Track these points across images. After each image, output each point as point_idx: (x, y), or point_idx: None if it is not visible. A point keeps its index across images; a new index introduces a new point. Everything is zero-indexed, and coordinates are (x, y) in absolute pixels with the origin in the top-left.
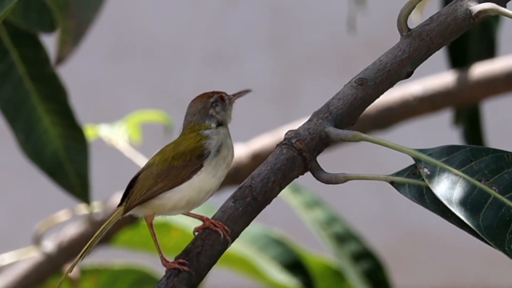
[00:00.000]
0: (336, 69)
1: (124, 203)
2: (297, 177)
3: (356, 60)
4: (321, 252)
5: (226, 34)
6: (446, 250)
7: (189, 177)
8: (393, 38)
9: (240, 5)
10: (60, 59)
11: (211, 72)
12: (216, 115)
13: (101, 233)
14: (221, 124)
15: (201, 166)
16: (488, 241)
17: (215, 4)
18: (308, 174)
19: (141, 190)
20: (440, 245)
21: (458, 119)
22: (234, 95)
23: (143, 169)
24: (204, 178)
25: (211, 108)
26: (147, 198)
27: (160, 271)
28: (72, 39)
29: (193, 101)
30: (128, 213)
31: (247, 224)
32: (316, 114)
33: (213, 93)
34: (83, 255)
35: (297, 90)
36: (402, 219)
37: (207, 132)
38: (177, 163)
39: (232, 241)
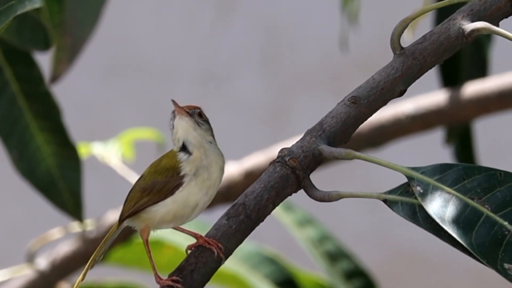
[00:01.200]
0: (328, 88)
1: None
2: (291, 194)
3: (348, 79)
4: (313, 270)
5: (218, 53)
6: (437, 268)
7: (171, 192)
8: (385, 57)
9: (232, 24)
10: (55, 77)
11: (204, 90)
12: (175, 139)
13: (102, 246)
14: (183, 149)
15: (183, 182)
16: (480, 259)
17: (207, 24)
18: (300, 191)
19: (130, 203)
20: (431, 264)
21: (450, 137)
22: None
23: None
24: (187, 194)
25: (171, 130)
26: (136, 211)
27: None
28: (67, 57)
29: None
30: (122, 225)
31: (240, 241)
32: (309, 132)
33: (194, 108)
34: (87, 269)
35: (289, 109)
36: (393, 237)
37: (180, 156)
38: (160, 178)
39: (226, 259)
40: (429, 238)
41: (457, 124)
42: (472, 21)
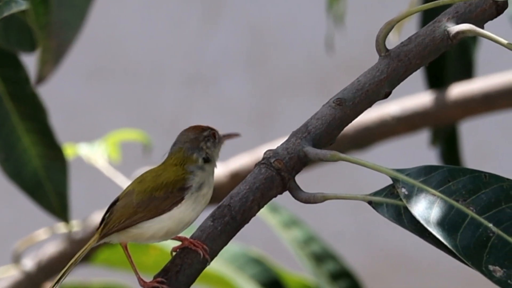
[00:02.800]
0: (314, 90)
1: (101, 229)
2: (276, 196)
3: (333, 81)
4: (299, 272)
5: (205, 56)
6: (422, 269)
7: (169, 208)
8: (370, 59)
9: (219, 27)
10: (41, 78)
11: (190, 93)
12: (206, 149)
13: (78, 259)
14: (208, 160)
15: (182, 198)
16: (465, 261)
17: (194, 26)
18: (285, 193)
19: (120, 218)
20: (415, 265)
21: (436, 139)
22: (224, 135)
23: (122, 195)
24: (184, 211)
25: (203, 142)
26: (126, 227)
27: None
28: (53, 58)
29: (185, 130)
30: (103, 241)
31: (226, 243)
32: (294, 134)
33: (208, 127)
34: (60, 280)
35: (275, 111)
36: (378, 239)
37: (192, 167)
38: (158, 194)
39: (211, 260)
40: (414, 240)
41: (442, 126)
42: (457, 23)
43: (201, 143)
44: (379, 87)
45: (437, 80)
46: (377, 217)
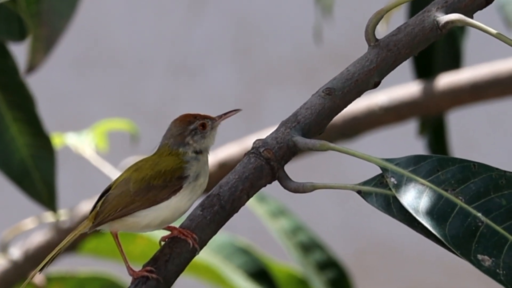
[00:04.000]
0: (300, 80)
1: (93, 217)
2: (265, 185)
3: (320, 71)
4: (286, 261)
5: (191, 45)
6: (408, 260)
7: (167, 197)
8: (357, 49)
9: (204, 16)
10: (32, 67)
11: (176, 82)
12: (192, 144)
13: (66, 244)
14: (198, 152)
15: (180, 187)
16: (454, 251)
17: (180, 16)
18: (273, 183)
19: (116, 207)
20: (402, 255)
21: (423, 129)
22: (221, 116)
23: (116, 183)
24: (181, 200)
25: (189, 136)
26: (122, 215)
27: (126, 279)
28: (44, 47)
29: (174, 122)
30: (97, 228)
31: (215, 232)
32: (284, 124)
33: (195, 118)
34: (47, 264)
35: (262, 100)
36: (364, 229)
37: (187, 157)
38: (156, 182)
39: (200, 249)
40: (401, 230)
41: (430, 115)
42: (447, 13)
43: (186, 138)
44: (368, 77)
45: (425, 70)
46: (364, 207)
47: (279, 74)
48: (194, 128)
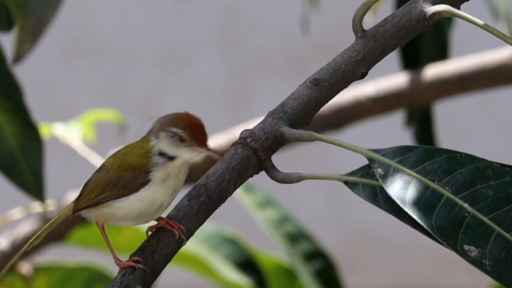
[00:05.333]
0: (288, 71)
1: (74, 201)
2: (252, 176)
3: (307, 61)
4: (273, 251)
5: (178, 35)
6: (395, 250)
7: (136, 189)
8: (344, 40)
9: (192, 7)
10: (18, 57)
11: (163, 73)
12: (161, 141)
13: (50, 226)
14: (163, 154)
15: (149, 180)
16: (441, 241)
17: (167, 6)
18: (260, 173)
19: (90, 194)
20: (388, 246)
21: (410, 120)
22: (209, 149)
23: (98, 169)
24: (154, 193)
25: (164, 133)
26: (95, 204)
27: (113, 269)
28: (31, 37)
29: (170, 115)
30: (77, 213)
31: (202, 222)
32: (271, 114)
33: (185, 129)
34: (29, 245)
35: (249, 91)
36: (350, 220)
37: (153, 157)
38: (126, 174)
39: (187, 240)
40: (387, 220)
41: (417, 106)
42: (434, 3)
43: (162, 132)
44: (355, 67)
45: (412, 61)
46: (350, 198)
47: (267, 64)
48: (175, 133)
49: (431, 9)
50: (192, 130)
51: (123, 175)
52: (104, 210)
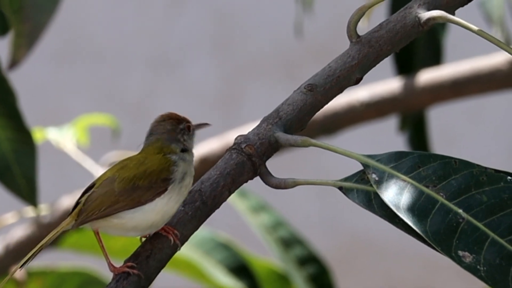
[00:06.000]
0: (280, 75)
1: (76, 214)
2: (247, 181)
3: (300, 65)
4: (267, 256)
5: (170, 39)
6: (388, 255)
7: (152, 199)
8: (337, 44)
9: (184, 10)
10: (14, 62)
11: (156, 76)
12: (183, 141)
13: (48, 241)
14: (186, 150)
15: (166, 189)
16: (435, 247)
17: (160, 9)
18: (254, 178)
19: (100, 206)
20: (381, 250)
21: (404, 125)
22: (196, 125)
23: (100, 181)
24: (168, 203)
25: (179, 134)
26: (106, 215)
27: (107, 273)
28: (26, 43)
29: (160, 119)
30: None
31: (196, 228)
32: (265, 119)
33: (182, 119)
34: (28, 261)
35: (241, 95)
36: (343, 224)
37: (174, 157)
38: (142, 183)
39: (182, 245)
40: (380, 225)
41: (411, 111)
42: (428, 9)
43: (178, 135)
44: (350, 73)
45: (406, 66)
46: (343, 203)
47: (259, 68)
48: (183, 128)
49: (426, 14)
50: (184, 119)
51: (138, 184)
52: (113, 221)
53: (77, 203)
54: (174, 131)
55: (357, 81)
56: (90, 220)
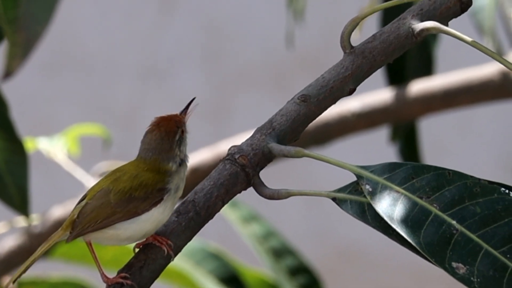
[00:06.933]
0: (270, 85)
1: (68, 226)
2: (240, 192)
3: (290, 76)
4: (258, 267)
5: (160, 49)
6: (376, 265)
7: (148, 209)
8: (327, 54)
9: (174, 20)
10: (9, 72)
11: (145, 86)
12: (179, 154)
13: (40, 254)
14: (182, 161)
15: (161, 199)
16: (428, 258)
17: (149, 19)
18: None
19: (96, 218)
20: (371, 261)
21: (395, 136)
22: (184, 112)
23: (91, 192)
24: (162, 212)
25: (176, 148)
26: (102, 227)
27: (98, 283)
28: (21, 52)
29: (154, 133)
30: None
31: (190, 238)
32: (259, 130)
33: (177, 125)
34: (21, 275)
35: (231, 106)
36: (333, 235)
37: (170, 171)
38: (138, 194)
39: (175, 256)
40: (370, 235)
41: (402, 122)
42: (422, 20)
43: (175, 150)
44: (343, 84)
45: (398, 77)
46: (332, 213)
47: (249, 78)
48: (180, 137)
49: (420, 25)
50: (178, 122)
51: (134, 195)
52: (109, 232)
53: (71, 215)
54: (172, 148)
55: (350, 92)
56: (86, 232)
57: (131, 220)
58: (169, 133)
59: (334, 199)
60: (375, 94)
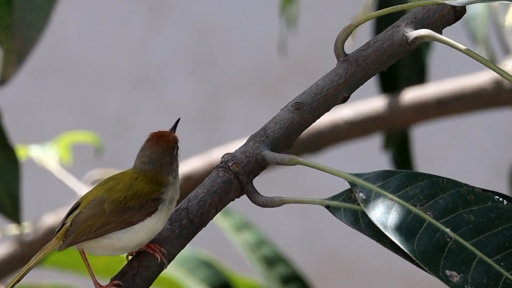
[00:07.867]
0: (262, 93)
1: (62, 235)
2: (233, 200)
3: (280, 83)
4: (250, 275)
5: (150, 56)
6: (368, 273)
7: (142, 219)
8: (318, 62)
9: (164, 27)
10: (4, 80)
11: (136, 94)
12: (176, 168)
13: (34, 264)
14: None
15: (156, 209)
16: (422, 266)
17: (139, 26)
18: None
19: (91, 227)
20: (363, 269)
21: (388, 144)
22: (174, 129)
23: (85, 201)
24: (156, 222)
25: (175, 162)
26: (96, 236)
27: None
28: (16, 60)
29: (155, 147)
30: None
31: (183, 246)
32: (252, 138)
33: (174, 140)
34: (14, 285)
35: (222, 113)
36: (325, 243)
37: (167, 183)
38: (133, 203)
39: (168, 263)
40: (360, 244)
41: (395, 130)
42: (416, 28)
43: (174, 164)
44: (337, 91)
45: (390, 85)
46: (324, 221)
47: (240, 86)
48: (177, 152)
49: (413, 33)
50: (174, 138)
51: (129, 205)
52: (102, 241)
53: (63, 224)
54: (172, 162)
55: (344, 100)
56: (80, 241)
57: (125, 229)
58: (169, 147)
59: (327, 207)
60: (368, 102)
